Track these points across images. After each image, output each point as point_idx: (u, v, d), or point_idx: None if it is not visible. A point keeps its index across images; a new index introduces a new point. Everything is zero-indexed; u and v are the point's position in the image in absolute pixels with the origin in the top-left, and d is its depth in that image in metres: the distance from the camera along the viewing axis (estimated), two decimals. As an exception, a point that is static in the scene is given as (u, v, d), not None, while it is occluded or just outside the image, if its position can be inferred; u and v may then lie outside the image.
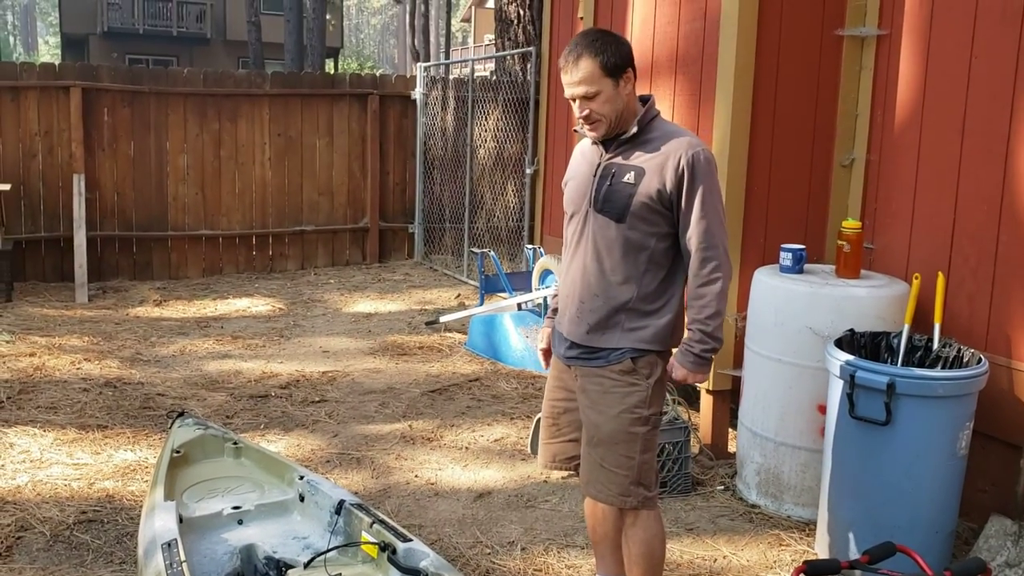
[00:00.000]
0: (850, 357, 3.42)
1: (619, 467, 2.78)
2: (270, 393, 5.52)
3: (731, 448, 4.58)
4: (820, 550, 3.60)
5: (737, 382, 4.37)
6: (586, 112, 2.73)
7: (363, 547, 3.01)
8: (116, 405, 5.18)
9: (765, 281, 4.03)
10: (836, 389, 3.48)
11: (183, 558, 2.73)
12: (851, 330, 3.65)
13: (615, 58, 2.69)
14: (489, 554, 3.65)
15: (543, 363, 3.12)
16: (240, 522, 3.26)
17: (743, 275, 4.34)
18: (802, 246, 4.07)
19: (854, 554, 3.24)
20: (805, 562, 2.95)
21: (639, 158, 2.75)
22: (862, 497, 3.41)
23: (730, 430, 4.63)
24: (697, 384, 4.52)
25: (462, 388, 5.69)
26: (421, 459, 4.59)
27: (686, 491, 4.18)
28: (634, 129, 2.76)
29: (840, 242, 4.00)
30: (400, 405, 5.37)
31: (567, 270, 2.92)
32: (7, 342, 6.21)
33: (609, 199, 2.76)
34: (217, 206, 8.92)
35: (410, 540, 2.90)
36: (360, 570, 2.95)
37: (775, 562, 3.60)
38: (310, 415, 5.17)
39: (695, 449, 4.42)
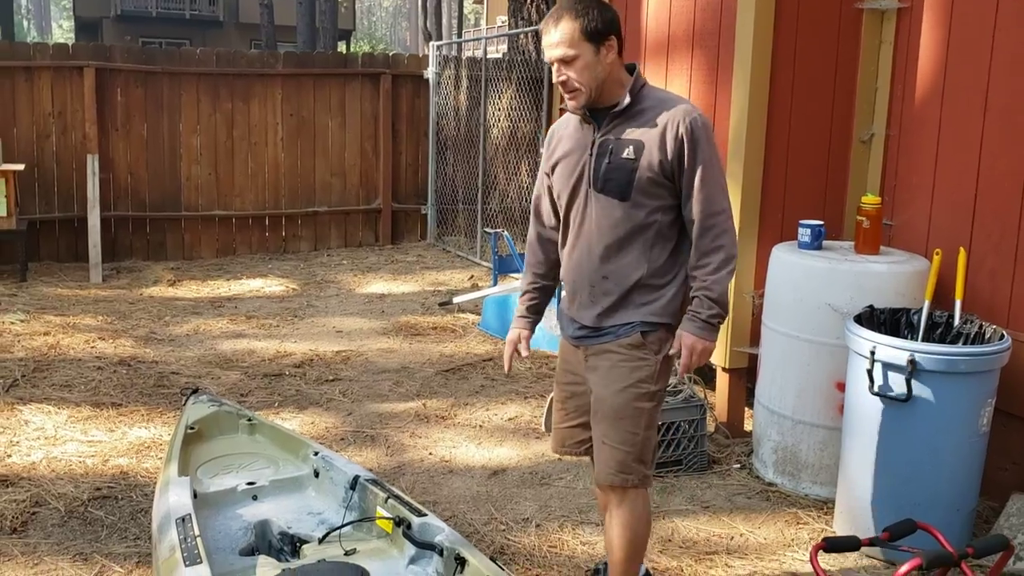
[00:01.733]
0: (870, 333, 3.37)
1: (622, 443, 2.70)
2: (284, 372, 5.51)
3: (747, 427, 4.54)
4: (839, 528, 3.57)
5: (753, 360, 4.33)
6: (563, 78, 2.62)
7: (378, 522, 2.99)
8: (130, 383, 5.18)
9: (783, 257, 3.98)
10: (856, 366, 3.43)
11: (197, 533, 2.71)
12: (870, 306, 3.60)
13: (597, 23, 2.59)
14: (504, 530, 3.63)
15: (506, 366, 3.03)
16: (255, 498, 3.25)
17: (760, 252, 4.29)
18: (820, 222, 4.02)
19: (874, 532, 3.20)
20: (824, 539, 2.92)
21: (635, 131, 2.65)
22: (882, 475, 3.37)
23: (746, 409, 4.59)
24: (711, 362, 4.51)
25: (475, 368, 5.67)
26: (435, 437, 4.58)
27: (702, 469, 4.15)
28: (627, 100, 2.65)
29: (859, 218, 3.94)
30: (414, 384, 5.35)
31: (570, 254, 2.81)
32: (22, 321, 6.23)
33: (611, 177, 2.66)
34: (230, 187, 8.91)
35: (425, 515, 2.88)
36: (375, 545, 2.93)
37: (793, 540, 3.57)
38: (324, 393, 5.16)
39: (711, 427, 4.39)
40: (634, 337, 2.70)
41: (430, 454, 4.37)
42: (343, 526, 2.99)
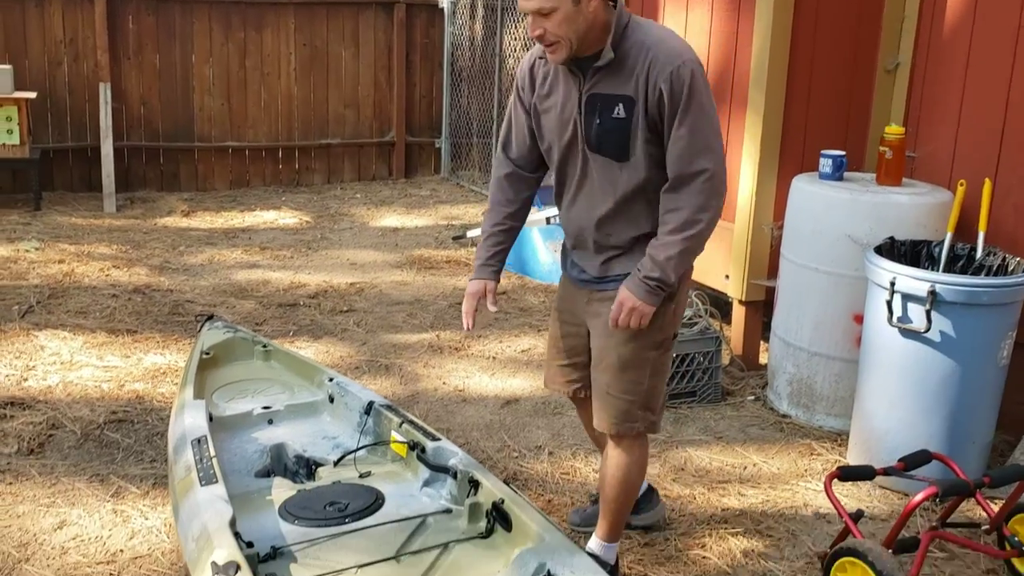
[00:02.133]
0: (891, 264, 3.32)
1: (626, 393, 2.60)
2: (299, 302, 5.51)
3: (762, 359, 4.52)
4: (852, 460, 3.57)
5: (770, 293, 4.29)
6: (539, 32, 2.37)
7: (392, 446, 3.00)
8: (145, 311, 5.19)
9: (803, 188, 3.92)
10: (875, 297, 3.39)
11: (213, 454, 2.73)
12: (891, 238, 3.54)
13: None
14: (517, 457, 3.65)
15: (466, 322, 2.81)
16: (270, 422, 3.26)
17: (780, 183, 4.22)
18: (842, 152, 3.95)
19: (888, 463, 3.19)
20: (839, 468, 2.92)
21: (623, 84, 2.42)
22: (898, 406, 3.35)
23: (762, 342, 4.57)
24: (728, 294, 4.48)
25: (490, 300, 5.64)
26: (449, 367, 4.58)
27: (716, 401, 4.15)
28: (610, 55, 2.41)
29: (882, 148, 3.87)
30: (427, 316, 5.34)
31: (569, 208, 2.66)
32: (36, 249, 6.23)
33: (604, 139, 2.48)
34: (243, 118, 8.82)
35: (439, 439, 2.89)
36: (389, 468, 2.95)
37: (806, 470, 3.57)
38: (338, 324, 5.17)
39: (725, 360, 4.37)
40: None
41: (444, 384, 4.38)
42: (358, 450, 3.01)
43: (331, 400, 3.35)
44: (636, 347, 2.58)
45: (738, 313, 4.49)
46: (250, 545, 2.38)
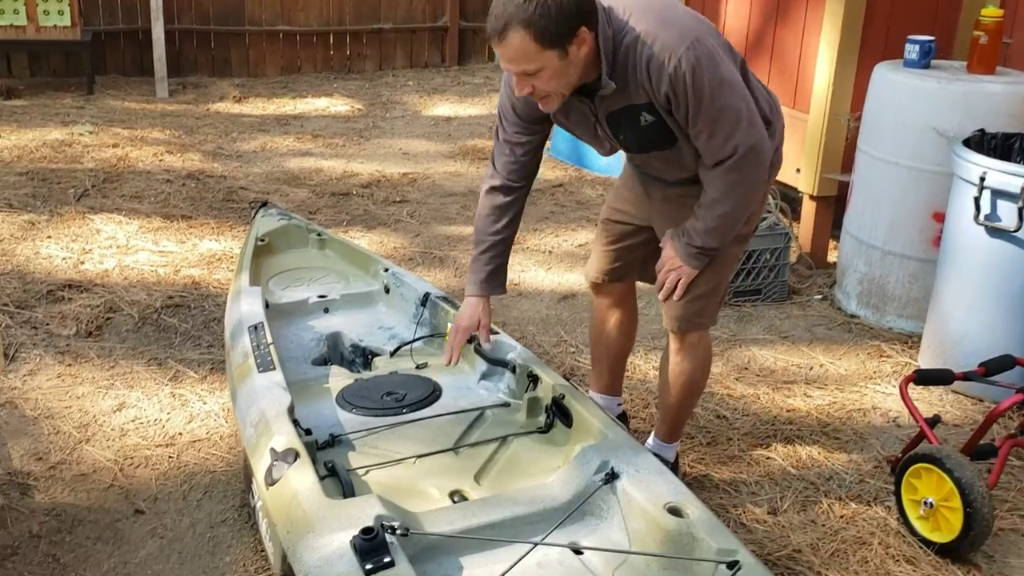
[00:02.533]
0: (981, 158, 3.11)
1: (702, 294, 2.43)
2: (351, 191, 5.42)
3: (831, 258, 4.36)
4: (924, 363, 3.43)
5: (843, 188, 4.09)
6: (528, 90, 2.11)
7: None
8: (199, 197, 5.15)
9: (886, 76, 3.67)
10: (960, 194, 3.19)
11: (270, 340, 2.69)
12: (981, 130, 3.31)
13: (556, 23, 1.99)
14: (573, 353, 3.58)
15: (452, 357, 2.57)
16: (326, 310, 3.21)
17: (861, 71, 3.96)
18: (931, 38, 3.68)
19: (962, 367, 3.05)
20: (916, 371, 2.80)
21: (634, 95, 2.18)
22: (979, 308, 3.19)
23: (831, 240, 4.39)
24: (798, 189, 4.28)
25: (545, 194, 5.51)
26: (504, 259, 4.48)
27: (781, 299, 4.01)
28: (611, 85, 2.15)
29: (976, 33, 3.59)
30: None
31: (634, 167, 2.52)
32: (90, 133, 6.19)
33: (645, 141, 2.29)
34: (294, 0, 8.60)
35: (497, 332, 2.81)
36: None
37: (875, 372, 3.45)
38: (392, 214, 5.08)
39: (793, 257, 4.21)
40: None
41: (499, 276, 4.29)
42: (414, 341, 2.95)
43: (387, 291, 3.28)
44: None
45: (808, 209, 4.30)
46: (308, 432, 2.35)
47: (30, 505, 2.58)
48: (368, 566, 1.77)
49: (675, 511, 1.99)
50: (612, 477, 2.11)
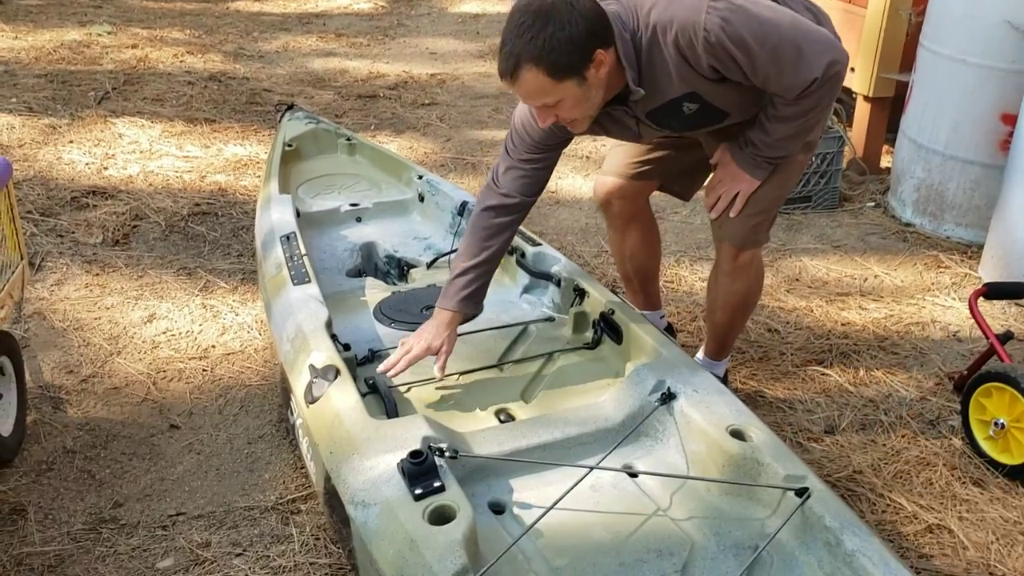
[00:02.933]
0: (1062, 54, 2.89)
1: (765, 208, 2.24)
2: (378, 94, 5.23)
3: (884, 163, 4.15)
4: (985, 275, 3.26)
5: (901, 88, 3.86)
6: (551, 120, 1.99)
7: (489, 249, 2.80)
8: (222, 99, 4.98)
9: (956, -34, 3.41)
10: (1035, 94, 2.98)
11: (304, 251, 2.57)
12: (1060, 25, 3.07)
13: (567, 54, 1.85)
14: (614, 264, 3.43)
15: (398, 367, 2.15)
16: (359, 219, 3.08)
17: (926, -40, 3.69)
18: (1006, -77, 3.39)
19: (1029, 279, 2.90)
20: (986, 284, 2.64)
21: (673, 88, 2.01)
22: (1050, 218, 3.01)
23: (885, 144, 4.18)
24: (852, 90, 4.05)
25: (580, 94, 5.29)
26: (540, 165, 4.31)
27: (832, 207, 3.84)
28: (641, 92, 1.99)
29: (1058, -83, 3.30)
30: (513, 111, 5.03)
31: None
32: (109, 33, 5.99)
33: (693, 124, 2.13)
34: None
35: (539, 244, 2.68)
36: (487, 272, 2.75)
37: (933, 284, 3.29)
38: (421, 118, 4.90)
39: (844, 162, 4.01)
40: None
41: (535, 182, 4.13)
42: (452, 252, 2.82)
43: (421, 199, 3.14)
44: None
45: (862, 110, 4.07)
46: (347, 348, 2.26)
47: (63, 420, 2.52)
48: (417, 491, 1.68)
49: (737, 434, 1.88)
50: (669, 397, 1.99)
